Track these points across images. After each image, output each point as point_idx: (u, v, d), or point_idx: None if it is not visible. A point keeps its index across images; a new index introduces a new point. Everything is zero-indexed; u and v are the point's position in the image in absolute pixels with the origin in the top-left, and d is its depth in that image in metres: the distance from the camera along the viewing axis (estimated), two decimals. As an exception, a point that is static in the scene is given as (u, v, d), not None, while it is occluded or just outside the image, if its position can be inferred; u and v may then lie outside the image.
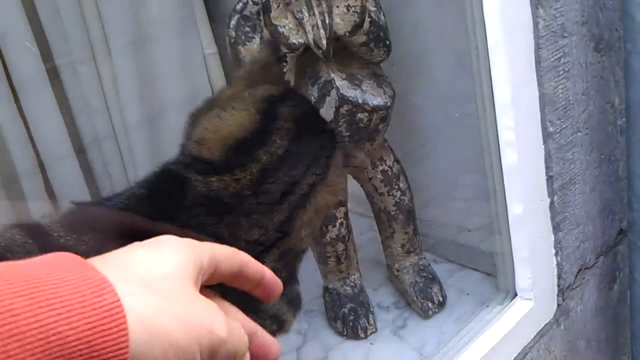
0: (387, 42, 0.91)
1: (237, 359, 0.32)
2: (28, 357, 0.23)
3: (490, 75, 0.87)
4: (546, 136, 0.93)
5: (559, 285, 1.02)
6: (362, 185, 1.05)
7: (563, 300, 1.04)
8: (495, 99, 0.88)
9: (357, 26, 0.85)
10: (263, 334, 0.37)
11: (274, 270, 0.38)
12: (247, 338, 0.33)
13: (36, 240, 0.45)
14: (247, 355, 0.34)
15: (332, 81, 0.88)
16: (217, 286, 0.36)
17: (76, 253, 0.28)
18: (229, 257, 0.35)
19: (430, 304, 1.03)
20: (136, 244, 0.32)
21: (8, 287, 0.24)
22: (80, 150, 1.17)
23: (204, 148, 0.55)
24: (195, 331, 0.29)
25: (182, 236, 0.33)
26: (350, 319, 1.02)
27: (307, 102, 0.68)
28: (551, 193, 0.96)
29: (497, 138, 0.91)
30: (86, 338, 0.24)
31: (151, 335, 0.27)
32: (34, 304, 0.24)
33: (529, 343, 0.99)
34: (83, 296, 0.25)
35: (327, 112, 0.89)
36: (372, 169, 1.02)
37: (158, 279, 0.29)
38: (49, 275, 0.25)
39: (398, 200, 1.03)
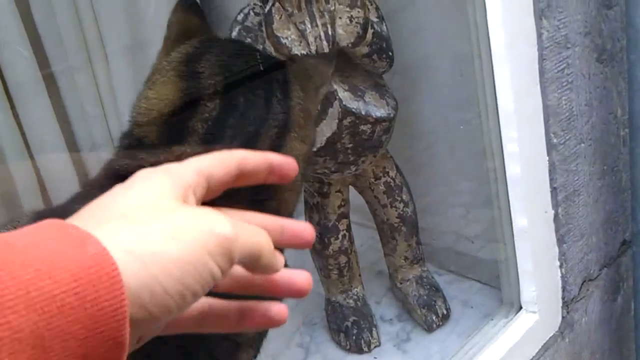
0: (390, 53, 0.90)
1: (262, 258, 0.30)
2: (10, 315, 0.21)
3: (494, 86, 0.87)
4: (550, 147, 0.93)
5: (563, 298, 1.01)
6: (364, 197, 1.04)
7: (567, 312, 1.03)
8: (499, 110, 0.88)
9: (360, 37, 0.85)
10: (291, 224, 0.34)
11: None
12: (266, 234, 0.31)
13: None
14: (280, 258, 0.32)
15: (335, 93, 0.88)
16: None
17: None
18: (219, 162, 0.32)
19: (434, 317, 1.02)
20: (113, 188, 0.30)
21: None
22: (77, 157, 1.16)
23: (141, 132, 0.50)
24: (192, 239, 0.26)
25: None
26: (353, 332, 1.01)
27: (233, 43, 0.56)
28: (555, 205, 0.96)
29: (501, 149, 0.90)
30: (73, 290, 0.22)
31: (144, 262, 0.25)
32: (7, 262, 0.22)
33: (533, 357, 0.98)
34: (64, 252, 0.23)
35: (329, 124, 0.88)
36: (375, 181, 1.01)
37: (136, 210, 0.27)
38: (26, 239, 0.23)
39: (401, 212, 1.02)
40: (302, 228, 0.34)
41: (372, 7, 0.87)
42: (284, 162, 0.35)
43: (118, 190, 0.29)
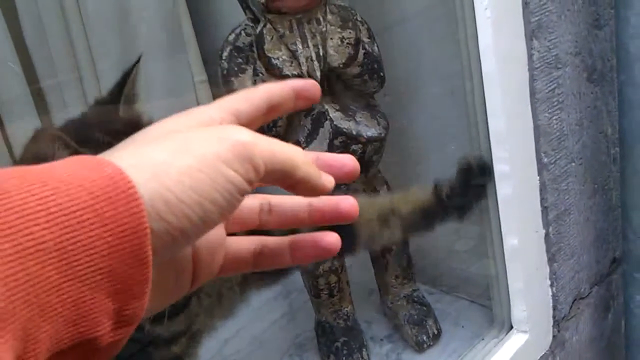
0: (381, 73, 0.90)
1: (297, 169, 0.29)
2: (33, 227, 0.21)
3: (485, 107, 0.86)
4: (541, 167, 0.93)
5: (554, 317, 1.01)
6: (355, 216, 1.03)
7: (558, 331, 1.03)
8: (489, 130, 0.87)
9: (351, 58, 0.84)
10: (328, 154, 0.33)
11: None
12: (295, 147, 0.30)
13: None
14: (327, 175, 0.31)
15: (326, 113, 0.87)
16: None
17: None
18: (245, 98, 0.32)
19: (424, 337, 1.01)
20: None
21: None
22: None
23: None
24: (203, 148, 0.26)
25: None
26: (343, 353, 1.00)
27: None
28: (546, 224, 0.96)
29: (492, 169, 0.90)
30: (92, 207, 0.22)
31: (153, 172, 0.25)
32: (25, 182, 0.22)
33: (525, 376, 0.97)
34: (80, 174, 0.23)
35: (321, 144, 0.87)
36: (366, 200, 1.00)
37: (151, 135, 0.28)
38: (44, 167, 0.24)
39: (392, 231, 1.01)
40: (340, 157, 0.33)
41: (363, 28, 0.87)
42: (306, 84, 0.34)
43: (135, 134, 0.29)
